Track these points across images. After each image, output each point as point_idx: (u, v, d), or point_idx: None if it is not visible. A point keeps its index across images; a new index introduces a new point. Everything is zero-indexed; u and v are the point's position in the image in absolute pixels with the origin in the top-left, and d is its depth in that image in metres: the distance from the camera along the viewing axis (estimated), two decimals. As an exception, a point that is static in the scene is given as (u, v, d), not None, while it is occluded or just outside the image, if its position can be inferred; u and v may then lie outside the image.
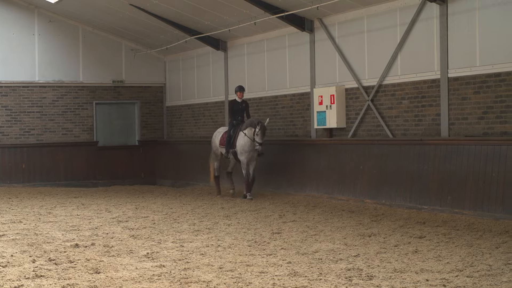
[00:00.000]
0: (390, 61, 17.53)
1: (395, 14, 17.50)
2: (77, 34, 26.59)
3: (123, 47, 27.37)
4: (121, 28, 25.98)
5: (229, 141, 20.00)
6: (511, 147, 14.11)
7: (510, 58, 14.68)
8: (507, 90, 14.74)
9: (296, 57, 20.99)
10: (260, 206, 17.65)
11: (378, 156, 17.36)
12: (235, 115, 20.24)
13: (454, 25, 15.91)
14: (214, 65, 25.10)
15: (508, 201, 13.94)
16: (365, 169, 17.63)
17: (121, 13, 23.63)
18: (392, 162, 16.85)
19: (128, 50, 27.38)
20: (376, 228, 13.47)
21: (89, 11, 24.83)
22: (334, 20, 19.39)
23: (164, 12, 22.56)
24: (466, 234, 12.51)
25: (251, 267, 9.87)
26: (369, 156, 17.62)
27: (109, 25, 25.96)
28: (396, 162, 16.73)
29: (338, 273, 9.34)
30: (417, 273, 9.33)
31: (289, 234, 12.98)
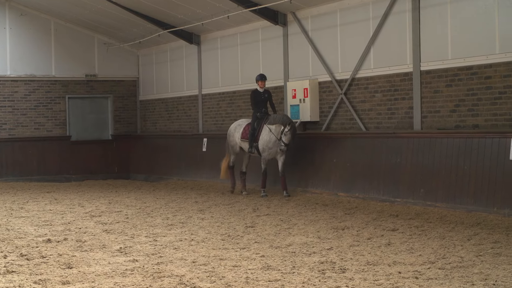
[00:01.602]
0: (363, 54, 17.57)
1: (368, 8, 17.53)
2: (49, 27, 26.40)
3: (96, 41, 27.22)
4: (93, 22, 25.82)
5: (253, 134, 18.48)
6: (482, 140, 14.20)
7: (481, 51, 14.76)
8: (479, 83, 14.83)
9: (270, 50, 20.98)
10: (234, 200, 17.65)
11: (351, 149, 17.40)
12: (258, 106, 18.63)
13: (426, 18, 15.98)
14: (188, 59, 25.04)
15: (479, 194, 14.04)
16: (338, 163, 17.67)
17: (93, 6, 23.50)
18: (365, 156, 16.90)
19: (101, 44, 27.23)
20: (350, 221, 13.50)
21: (61, 5, 24.66)
22: (307, 13, 19.40)
23: (137, 5, 22.46)
24: (438, 227, 12.57)
25: (225, 261, 9.86)
26: (342, 149, 17.67)
27: (82, 19, 25.79)
28: (369, 156, 16.78)
29: (311, 266, 9.35)
30: (389, 265, 9.36)
31: (263, 227, 12.98)
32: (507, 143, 13.67)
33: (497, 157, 13.83)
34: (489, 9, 14.60)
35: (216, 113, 23.71)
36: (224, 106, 23.28)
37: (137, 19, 23.69)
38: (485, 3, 14.67)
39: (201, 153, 23.39)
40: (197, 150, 23.57)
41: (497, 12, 14.44)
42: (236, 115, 22.57)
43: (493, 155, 13.92)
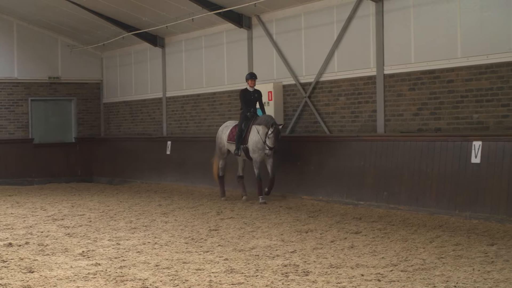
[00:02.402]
0: (327, 58, 17.63)
1: (332, 11, 17.60)
2: (12, 29, 26.13)
3: (59, 43, 27.00)
4: (57, 24, 25.62)
5: (240, 136, 17.46)
6: (445, 143, 14.32)
7: (444, 55, 14.89)
8: (441, 87, 14.96)
9: (234, 53, 20.98)
10: (198, 203, 17.60)
11: (315, 152, 17.45)
12: (247, 106, 17.59)
13: (390, 22, 16.08)
14: (152, 61, 24.95)
15: (442, 196, 14.15)
16: (302, 166, 17.71)
17: (57, 8, 23.33)
18: (329, 158, 16.95)
19: (64, 46, 27.02)
20: (313, 224, 13.53)
21: (24, 6, 24.42)
22: (272, 16, 19.43)
23: (101, 7, 22.34)
24: (401, 229, 12.65)
25: (188, 264, 9.83)
26: (306, 152, 17.71)
27: (45, 21, 25.57)
28: (333, 158, 16.84)
29: (275, 269, 9.35)
30: (352, 268, 9.39)
31: (227, 230, 12.97)
32: (469, 146, 13.80)
33: (459, 160, 13.96)
34: (451, 14, 14.73)
35: (181, 116, 23.65)
36: (189, 109, 23.23)
37: (101, 21, 23.56)
38: (448, 8, 14.80)
39: (165, 156, 23.32)
40: (161, 153, 23.50)
41: (459, 17, 14.57)
42: (201, 118, 22.56)
43: (455, 158, 14.04)
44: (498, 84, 13.91)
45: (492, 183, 13.33)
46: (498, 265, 9.36)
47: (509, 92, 13.72)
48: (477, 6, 14.23)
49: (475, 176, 13.63)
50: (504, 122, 13.81)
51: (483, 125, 14.19)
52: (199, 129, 22.72)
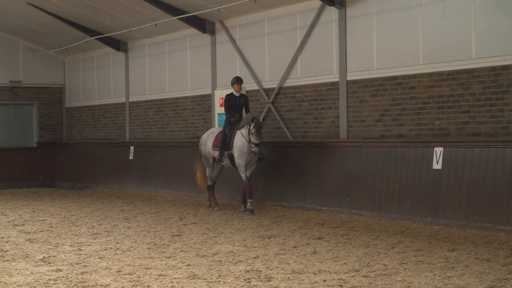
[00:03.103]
0: (291, 63, 17.68)
1: (295, 17, 17.66)
2: (-28, 32, 25.90)
3: (21, 46, 26.75)
4: (19, 28, 25.38)
5: (223, 141, 16.68)
6: (407, 149, 14.42)
7: (406, 62, 15.02)
8: (403, 93, 15.07)
9: (198, 58, 20.96)
10: (161, 208, 17.54)
11: (278, 158, 17.46)
12: (232, 111, 16.82)
13: (353, 29, 16.18)
14: (115, 66, 24.83)
15: (403, 202, 14.24)
16: (265, 171, 17.71)
17: (18, 12, 23.10)
18: (292, 164, 16.98)
19: (26, 50, 26.78)
20: (276, 230, 13.54)
21: (-15, 10, 24.21)
22: (235, 22, 19.45)
23: (63, 12, 22.18)
24: (363, 235, 12.71)
25: (150, 270, 9.79)
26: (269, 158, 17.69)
27: (6, 24, 25.31)
28: (296, 164, 16.87)
29: (237, 275, 9.35)
30: (315, 274, 9.41)
31: (189, 236, 12.93)
32: (430, 152, 13.92)
33: (421, 166, 14.07)
34: (414, 21, 14.85)
35: (143, 121, 23.56)
36: (152, 114, 23.16)
37: (64, 26, 23.39)
38: (410, 15, 14.92)
39: (128, 161, 23.21)
40: (124, 158, 23.39)
41: (421, 24, 14.71)
42: (164, 123, 22.49)
43: (417, 164, 14.15)
44: (459, 91, 14.05)
45: (453, 189, 13.45)
46: (459, 270, 9.44)
47: (469, 99, 13.87)
48: (439, 13, 14.38)
49: (437, 182, 13.75)
50: (465, 128, 13.95)
51: (444, 132, 14.32)
52: (162, 134, 22.66)
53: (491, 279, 8.84)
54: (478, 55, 13.73)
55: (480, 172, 13.10)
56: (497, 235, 12.20)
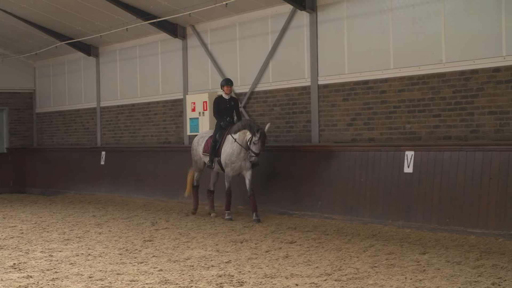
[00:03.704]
0: (262, 68, 17.70)
1: (266, 22, 17.68)
2: None
3: (-10, 51, 26.59)
4: (-12, 32, 25.23)
5: (214, 147, 16.02)
6: (378, 153, 14.49)
7: (377, 66, 15.09)
8: (375, 97, 15.14)
9: (169, 63, 20.92)
10: (133, 213, 17.47)
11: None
12: (222, 115, 16.11)
13: (324, 33, 16.23)
14: (86, 71, 24.71)
15: (375, 206, 14.31)
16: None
17: (-13, 16, 22.97)
18: (265, 168, 16.96)
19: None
20: (248, 234, 13.54)
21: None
22: (206, 27, 19.44)
23: (33, 16, 22.05)
24: (335, 239, 12.74)
25: (122, 275, 9.74)
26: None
27: (-24, 29, 25.16)
28: (269, 168, 16.86)
29: (209, 280, 9.33)
30: (287, 278, 9.42)
31: (161, 241, 12.89)
32: (402, 156, 13.99)
33: (392, 170, 14.14)
34: (384, 25, 14.93)
35: (115, 126, 23.46)
36: (123, 119, 23.07)
37: (33, 30, 23.24)
38: (380, 19, 15.00)
39: (100, 167, 23.10)
40: (95, 164, 23.28)
41: (391, 28, 14.79)
42: (135, 128, 22.42)
43: (388, 168, 14.22)
44: (430, 95, 14.14)
45: (424, 192, 13.53)
46: (430, 273, 9.50)
47: (440, 103, 13.96)
48: (409, 18, 14.47)
49: (408, 186, 13.82)
50: (436, 132, 14.04)
51: (415, 135, 14.40)
52: (133, 139, 22.58)
53: (461, 282, 8.90)
54: (448, 59, 13.83)
55: (450, 175, 13.19)
56: (467, 238, 12.30)
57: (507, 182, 12.36)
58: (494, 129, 13.15)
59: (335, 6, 15.94)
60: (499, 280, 8.93)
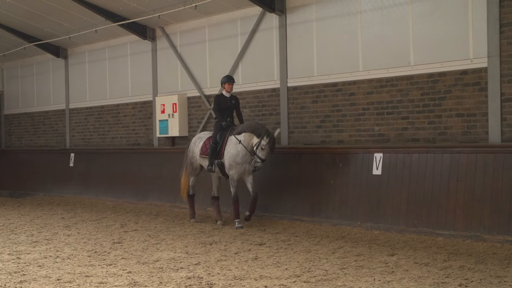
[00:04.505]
0: (232, 70, 17.71)
1: (236, 24, 17.70)
2: None
3: (-42, 52, 26.35)
4: (-45, 33, 24.99)
5: (214, 149, 14.99)
6: (347, 155, 14.55)
7: (346, 68, 15.16)
8: (344, 99, 15.21)
9: (138, 65, 20.87)
10: (102, 215, 17.39)
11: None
12: (223, 114, 15.17)
13: (293, 35, 16.28)
14: (55, 72, 24.57)
15: (344, 208, 14.36)
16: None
17: (-45, 17, 22.76)
18: (234, 170, 16.98)
19: (-37, 56, 26.39)
20: (218, 236, 13.53)
21: None
22: (176, 28, 19.41)
23: (1, 17, 21.87)
24: (304, 240, 12.77)
25: (90, 277, 9.70)
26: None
27: None
28: (238, 170, 16.86)
29: (178, 282, 9.32)
30: (256, 279, 9.43)
31: (130, 243, 12.85)
32: (370, 158, 14.07)
33: (361, 172, 14.20)
34: (353, 28, 15.00)
35: (84, 127, 23.36)
36: (92, 121, 22.97)
37: (1, 32, 23.08)
38: (349, 22, 15.07)
39: (69, 169, 22.98)
40: (64, 165, 23.15)
41: (360, 31, 14.87)
42: (105, 129, 22.33)
43: (357, 170, 14.28)
44: (398, 97, 14.24)
45: (393, 194, 13.62)
46: (398, 275, 9.55)
47: (408, 105, 14.06)
48: (378, 20, 14.55)
49: (376, 188, 13.90)
50: (404, 134, 14.14)
51: (384, 137, 14.49)
52: (102, 141, 22.49)
53: (429, 283, 8.97)
54: (416, 62, 13.94)
55: (419, 177, 13.28)
56: (435, 239, 12.39)
57: (474, 184, 12.48)
58: (462, 131, 13.27)
59: (304, 8, 16.00)
60: (466, 281, 9.01)
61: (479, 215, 12.31)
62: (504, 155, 12.23)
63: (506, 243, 11.67)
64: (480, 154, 12.56)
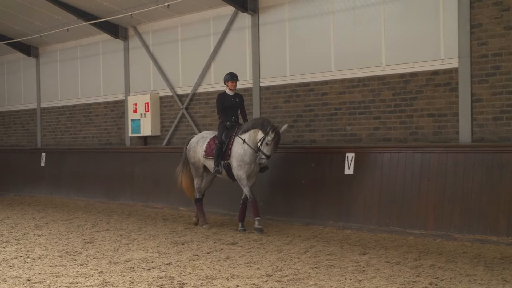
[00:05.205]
0: (204, 69, 17.70)
1: (208, 24, 17.69)
2: None
3: None
4: None
5: (220, 149, 14.17)
6: (320, 155, 14.58)
7: (318, 68, 15.20)
8: (316, 99, 15.25)
9: (111, 64, 20.79)
10: (73, 215, 17.29)
11: (192, 164, 17.42)
12: (227, 114, 14.32)
13: (265, 35, 16.29)
14: (26, 71, 24.41)
15: (316, 207, 14.39)
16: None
17: None
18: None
19: None
20: (190, 236, 13.51)
21: None
22: (148, 28, 19.36)
23: (-29, 15, 21.74)
24: (276, 240, 12.78)
25: (61, 278, 9.64)
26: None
27: None
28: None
29: (150, 282, 9.29)
30: (228, 279, 9.42)
31: (102, 243, 12.79)
32: (342, 158, 14.10)
33: (333, 172, 14.24)
34: (325, 28, 15.05)
35: (55, 127, 23.23)
36: (64, 120, 22.85)
37: (-28, 30, 22.93)
38: (322, 22, 15.11)
39: (40, 168, 22.84)
40: (35, 165, 23.00)
41: (332, 31, 14.92)
42: (76, 129, 22.22)
43: (329, 169, 14.32)
44: (370, 97, 14.30)
45: (364, 193, 13.67)
46: (369, 274, 9.59)
47: (380, 105, 14.12)
48: (350, 21, 14.61)
49: (348, 187, 13.95)
50: (376, 134, 14.20)
51: (356, 137, 14.54)
52: (74, 140, 22.38)
53: (400, 282, 9.01)
54: (388, 62, 14.01)
55: (390, 177, 13.35)
56: (406, 238, 12.46)
57: (445, 183, 12.57)
58: (433, 131, 13.35)
59: (277, 8, 16.02)
60: (437, 280, 9.07)
61: (450, 215, 12.40)
62: (475, 155, 12.32)
63: (476, 242, 11.76)
64: (451, 154, 12.65)
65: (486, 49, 12.58)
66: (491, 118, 12.55)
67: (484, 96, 12.63)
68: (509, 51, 12.29)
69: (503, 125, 12.42)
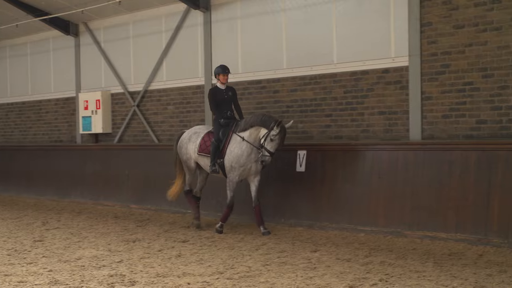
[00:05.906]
0: (156, 66, 17.62)
1: (160, 20, 17.61)
2: None
3: None
4: None
5: (217, 147, 13.35)
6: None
7: (269, 66, 15.22)
8: (268, 97, 15.27)
9: (61, 61, 20.59)
10: (23, 213, 17.11)
11: (144, 161, 17.37)
12: (220, 109, 13.53)
13: (218, 32, 16.28)
14: (-26, 67, 24.08)
15: (268, 205, 14.38)
16: (131, 175, 17.58)
17: None
18: (158, 167, 16.91)
19: None
20: (141, 234, 13.45)
21: None
22: (99, 24, 19.22)
23: None
24: (228, 237, 12.78)
25: (10, 276, 9.52)
26: (135, 161, 17.59)
27: None
28: (162, 167, 16.80)
29: (101, 280, 9.22)
30: (179, 277, 9.40)
31: (52, 241, 12.67)
32: (294, 155, 14.14)
33: (285, 169, 14.27)
34: (277, 25, 15.08)
35: (5, 124, 22.93)
36: (13, 117, 22.57)
37: None
38: (274, 20, 15.14)
39: (-12, 166, 22.55)
40: (-16, 163, 22.71)
41: (284, 29, 14.95)
42: (26, 126, 21.96)
43: (281, 167, 14.34)
44: (322, 95, 14.36)
45: (315, 191, 13.73)
46: (320, 270, 9.64)
47: (331, 103, 14.19)
48: (302, 18, 14.65)
49: (300, 185, 13.99)
50: (327, 131, 14.27)
51: (307, 135, 14.60)
52: (24, 137, 22.12)
53: (350, 279, 9.07)
54: (340, 60, 14.08)
55: (342, 174, 13.42)
56: (357, 235, 12.55)
57: (395, 181, 12.68)
58: (383, 129, 13.46)
59: (229, 5, 16.01)
60: (387, 276, 9.15)
61: (400, 212, 12.51)
62: (424, 152, 12.45)
63: (426, 238, 11.89)
64: (401, 152, 12.77)
65: (436, 48, 12.71)
66: (441, 116, 12.69)
67: (433, 94, 12.76)
68: (458, 50, 12.44)
69: (452, 123, 12.57)
